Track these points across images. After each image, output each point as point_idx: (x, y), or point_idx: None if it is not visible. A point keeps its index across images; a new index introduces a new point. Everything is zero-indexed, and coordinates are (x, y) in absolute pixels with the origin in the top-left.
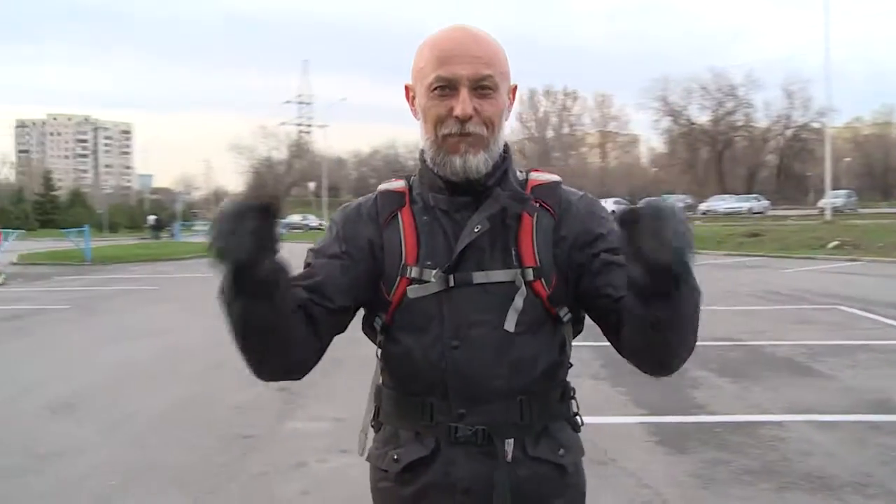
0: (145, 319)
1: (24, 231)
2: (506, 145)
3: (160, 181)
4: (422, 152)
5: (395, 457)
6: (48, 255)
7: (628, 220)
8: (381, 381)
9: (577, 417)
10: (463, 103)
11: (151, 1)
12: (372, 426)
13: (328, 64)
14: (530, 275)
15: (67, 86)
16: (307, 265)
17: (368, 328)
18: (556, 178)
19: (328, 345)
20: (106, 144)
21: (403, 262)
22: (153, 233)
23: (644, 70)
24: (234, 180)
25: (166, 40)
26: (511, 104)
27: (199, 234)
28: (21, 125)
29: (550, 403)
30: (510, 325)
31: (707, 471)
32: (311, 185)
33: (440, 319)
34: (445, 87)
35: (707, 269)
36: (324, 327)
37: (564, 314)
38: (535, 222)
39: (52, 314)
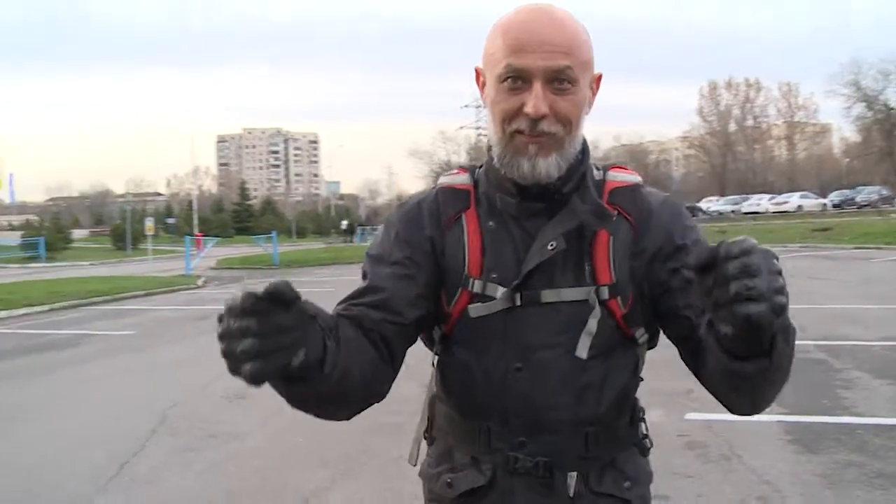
0: None
1: (219, 238)
2: (584, 143)
3: (346, 188)
4: (489, 147)
5: (449, 481)
6: (241, 260)
7: (709, 265)
8: (435, 391)
9: (647, 440)
10: (535, 99)
11: (330, 19)
12: (425, 438)
13: None
14: (605, 293)
15: (261, 102)
16: (366, 275)
17: (426, 335)
18: (636, 178)
19: (403, 359)
20: (296, 154)
21: (466, 272)
22: (345, 237)
23: (832, 54)
24: (414, 185)
25: (347, 54)
26: (594, 96)
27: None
28: (221, 140)
29: (619, 432)
30: (583, 351)
31: (836, 472)
32: None
33: (503, 339)
34: (517, 79)
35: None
36: (398, 346)
37: (640, 335)
38: (612, 234)
39: None
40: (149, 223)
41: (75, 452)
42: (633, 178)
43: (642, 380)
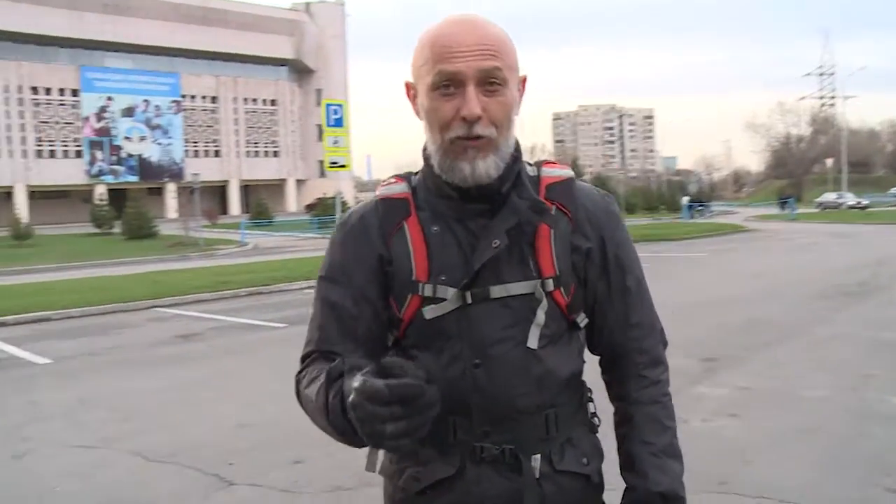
0: None
1: None
2: (516, 142)
3: (682, 163)
4: (426, 154)
5: (416, 475)
6: None
7: None
8: None
9: (595, 419)
10: (470, 103)
11: None
12: None
13: (850, 30)
14: (550, 285)
15: (595, 78)
16: (324, 300)
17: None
18: (568, 172)
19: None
20: (630, 130)
21: (414, 277)
22: (688, 212)
23: None
24: (751, 159)
25: (682, 23)
26: (521, 97)
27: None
28: (557, 117)
29: (572, 413)
30: (533, 342)
31: None
32: (829, 161)
33: (459, 337)
34: (450, 85)
35: None
36: (379, 346)
37: (581, 320)
38: (552, 228)
39: None
40: None
41: None
42: (566, 172)
43: (584, 362)
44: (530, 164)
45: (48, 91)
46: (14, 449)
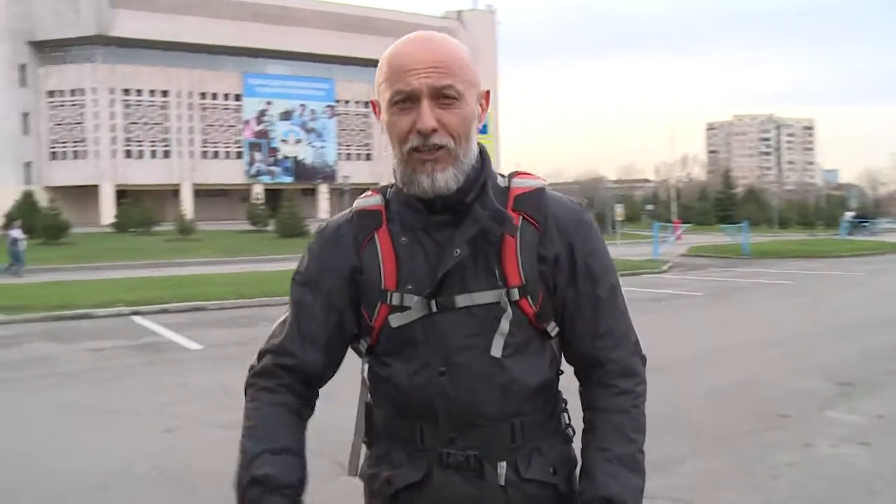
0: (760, 309)
1: (689, 225)
2: (482, 152)
3: (845, 176)
4: (393, 168)
5: (388, 478)
6: (713, 249)
7: None
8: (368, 398)
9: (569, 429)
10: (424, 116)
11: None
12: (364, 442)
13: None
14: (516, 294)
15: (751, 87)
16: (294, 302)
17: (355, 348)
18: (539, 183)
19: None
20: (788, 141)
21: (383, 286)
22: (847, 229)
23: None
24: None
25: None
26: (484, 112)
27: (870, 232)
28: (710, 128)
29: (542, 421)
30: (497, 350)
31: None
32: None
33: (425, 345)
34: (406, 101)
35: None
36: (342, 353)
37: (552, 328)
38: (518, 238)
39: (686, 299)
40: (618, 209)
41: None
42: (536, 182)
43: (562, 372)
44: (503, 176)
45: (214, 96)
46: (165, 424)
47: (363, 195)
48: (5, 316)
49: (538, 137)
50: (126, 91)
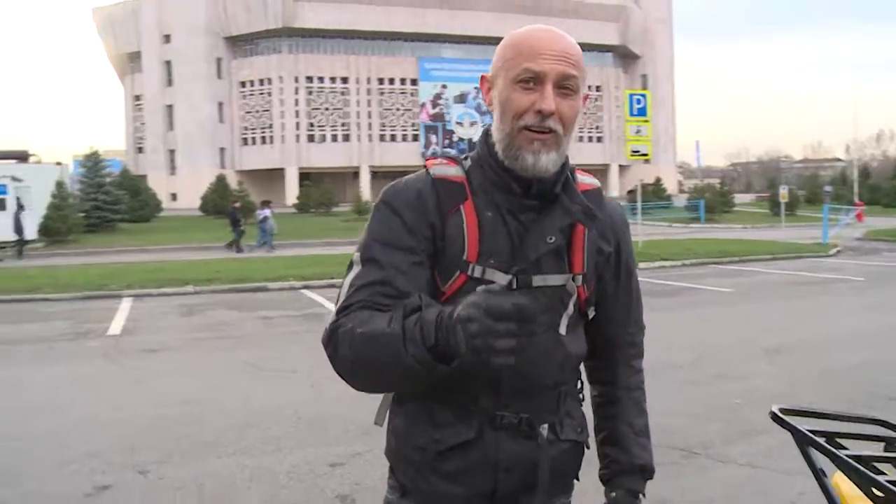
0: None
1: (878, 206)
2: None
3: None
4: (488, 143)
5: (437, 437)
6: (892, 233)
7: None
8: None
9: (581, 394)
10: (547, 98)
11: None
12: (394, 399)
13: None
14: (579, 280)
15: None
16: (374, 259)
17: None
18: (597, 182)
19: None
20: None
21: (465, 257)
22: None
23: None
24: None
25: None
26: (584, 110)
27: None
28: None
29: (574, 390)
30: (563, 328)
31: None
32: None
33: None
34: (531, 81)
35: None
36: None
37: (591, 312)
38: (585, 231)
39: (842, 284)
40: (783, 191)
41: None
42: (594, 182)
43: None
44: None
45: (391, 81)
46: (312, 381)
47: (439, 163)
48: (194, 287)
49: (716, 116)
50: (309, 79)
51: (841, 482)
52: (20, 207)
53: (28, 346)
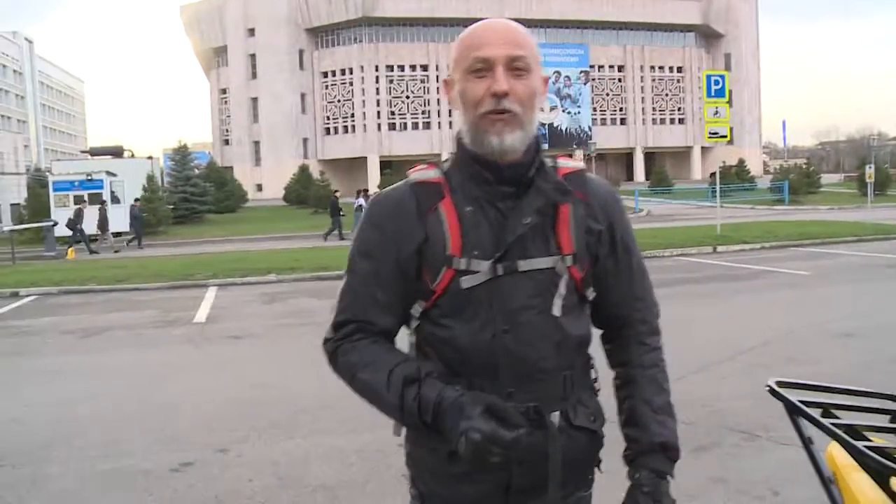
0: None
1: None
2: (537, 137)
3: None
4: (459, 140)
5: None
6: None
7: None
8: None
9: (596, 383)
10: (499, 80)
11: None
12: None
13: None
14: (569, 261)
15: None
16: (354, 270)
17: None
18: (581, 165)
19: None
20: None
21: (449, 252)
22: None
23: None
24: None
25: None
26: (543, 94)
27: None
28: None
29: (581, 376)
30: (557, 309)
31: None
32: None
33: (489, 306)
34: (482, 69)
35: None
36: (407, 314)
37: (590, 294)
38: (571, 211)
39: None
40: (868, 170)
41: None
42: (578, 165)
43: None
44: (547, 157)
45: None
46: None
47: (417, 168)
48: (276, 276)
49: (804, 96)
50: (389, 67)
51: (836, 452)
52: (105, 202)
53: (120, 332)
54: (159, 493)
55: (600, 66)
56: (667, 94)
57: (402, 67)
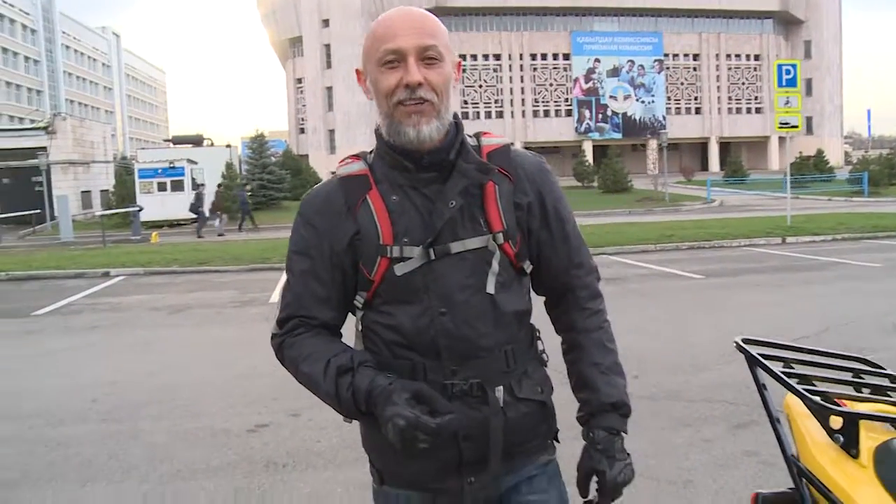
0: None
1: None
2: (455, 115)
3: None
4: (378, 130)
5: None
6: None
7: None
8: (362, 350)
9: (544, 355)
10: (412, 71)
11: None
12: None
13: None
14: (500, 238)
15: None
16: (293, 270)
17: (349, 304)
18: (506, 140)
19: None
20: None
21: (381, 242)
22: None
23: None
24: None
25: None
26: (457, 79)
27: None
28: None
29: (526, 348)
30: (491, 287)
31: None
32: None
33: (426, 290)
34: (394, 60)
35: None
36: (349, 305)
37: (528, 266)
38: (496, 188)
39: None
40: None
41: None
42: (502, 140)
43: (531, 304)
44: (470, 136)
45: (543, 56)
46: None
47: (342, 162)
48: None
49: (891, 84)
50: (462, 57)
51: (791, 402)
52: (203, 185)
53: (200, 310)
54: (237, 448)
55: (675, 55)
56: (743, 83)
57: (474, 57)
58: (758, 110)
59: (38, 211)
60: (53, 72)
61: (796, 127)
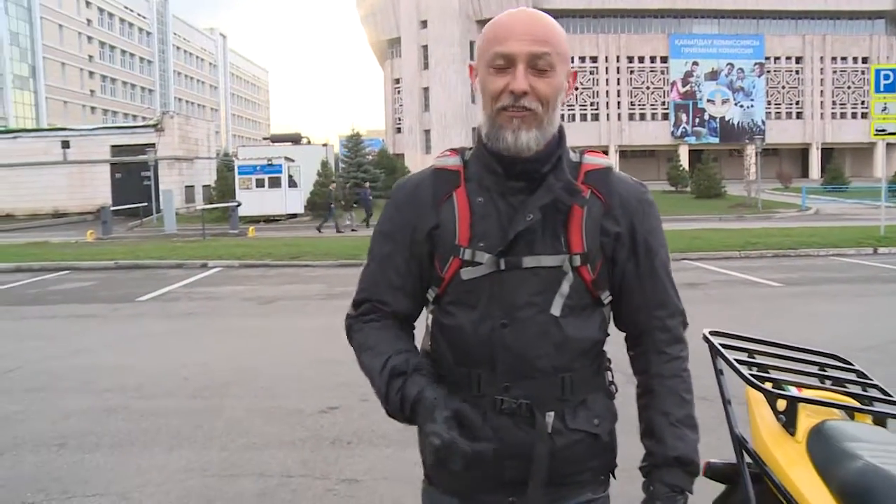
0: None
1: None
2: (560, 129)
3: None
4: (478, 130)
5: None
6: None
7: None
8: (428, 346)
9: (612, 386)
10: (518, 78)
11: None
12: None
13: None
14: (577, 261)
15: None
16: (374, 252)
17: (423, 296)
18: (608, 162)
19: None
20: None
21: (457, 242)
22: None
23: None
24: None
25: None
26: (570, 89)
27: None
28: None
29: (588, 378)
30: (556, 309)
31: None
32: None
33: (490, 299)
34: (503, 64)
35: None
36: (424, 296)
37: (606, 297)
38: (585, 210)
39: None
40: None
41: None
42: (604, 161)
43: (608, 335)
44: (574, 151)
45: (641, 59)
46: None
47: (441, 154)
48: None
49: None
50: None
51: (750, 392)
52: (335, 182)
53: (288, 302)
54: (309, 426)
55: (776, 58)
56: (849, 87)
57: (571, 59)
58: (864, 115)
59: (146, 204)
60: (165, 71)
61: (894, 134)
